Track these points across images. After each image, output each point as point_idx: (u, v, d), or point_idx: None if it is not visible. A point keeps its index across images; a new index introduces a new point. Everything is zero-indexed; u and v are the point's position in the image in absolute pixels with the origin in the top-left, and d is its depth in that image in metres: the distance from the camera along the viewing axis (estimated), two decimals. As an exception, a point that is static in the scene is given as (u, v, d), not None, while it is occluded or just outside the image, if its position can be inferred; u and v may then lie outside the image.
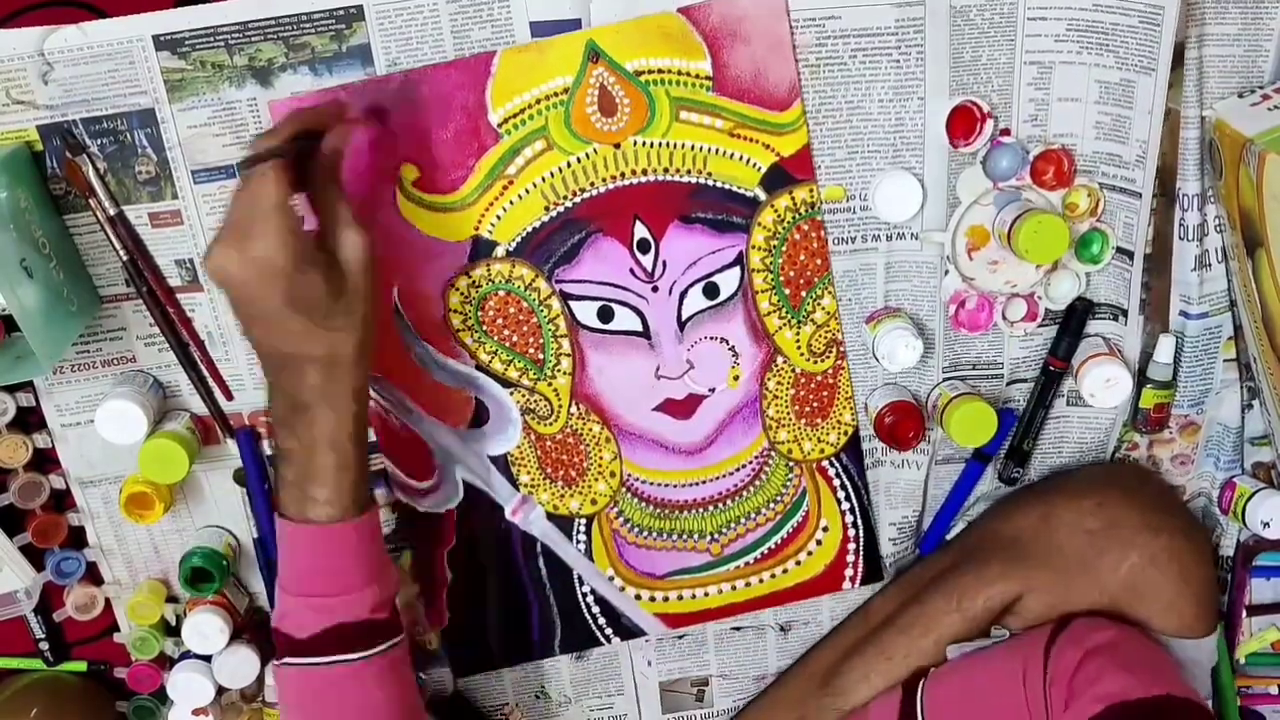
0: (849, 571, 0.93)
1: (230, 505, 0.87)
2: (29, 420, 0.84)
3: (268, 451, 0.85)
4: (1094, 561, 0.81)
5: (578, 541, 0.89)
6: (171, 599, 0.90)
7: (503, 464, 0.87)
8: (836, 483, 0.90)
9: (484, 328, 0.82)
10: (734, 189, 0.80)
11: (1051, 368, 0.86)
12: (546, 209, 0.80)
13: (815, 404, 0.87)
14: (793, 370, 0.86)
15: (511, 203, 0.79)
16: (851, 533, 0.91)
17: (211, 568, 0.85)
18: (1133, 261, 0.82)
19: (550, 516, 0.89)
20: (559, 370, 0.84)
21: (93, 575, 0.90)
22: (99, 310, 0.80)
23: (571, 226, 0.80)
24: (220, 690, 0.90)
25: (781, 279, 0.83)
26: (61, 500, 0.87)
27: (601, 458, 0.87)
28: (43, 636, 0.91)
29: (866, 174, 0.80)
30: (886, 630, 0.87)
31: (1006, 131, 0.80)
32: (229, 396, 0.84)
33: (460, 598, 0.91)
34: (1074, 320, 0.85)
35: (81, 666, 0.93)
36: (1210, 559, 0.86)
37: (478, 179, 0.79)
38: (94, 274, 0.79)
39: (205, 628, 0.86)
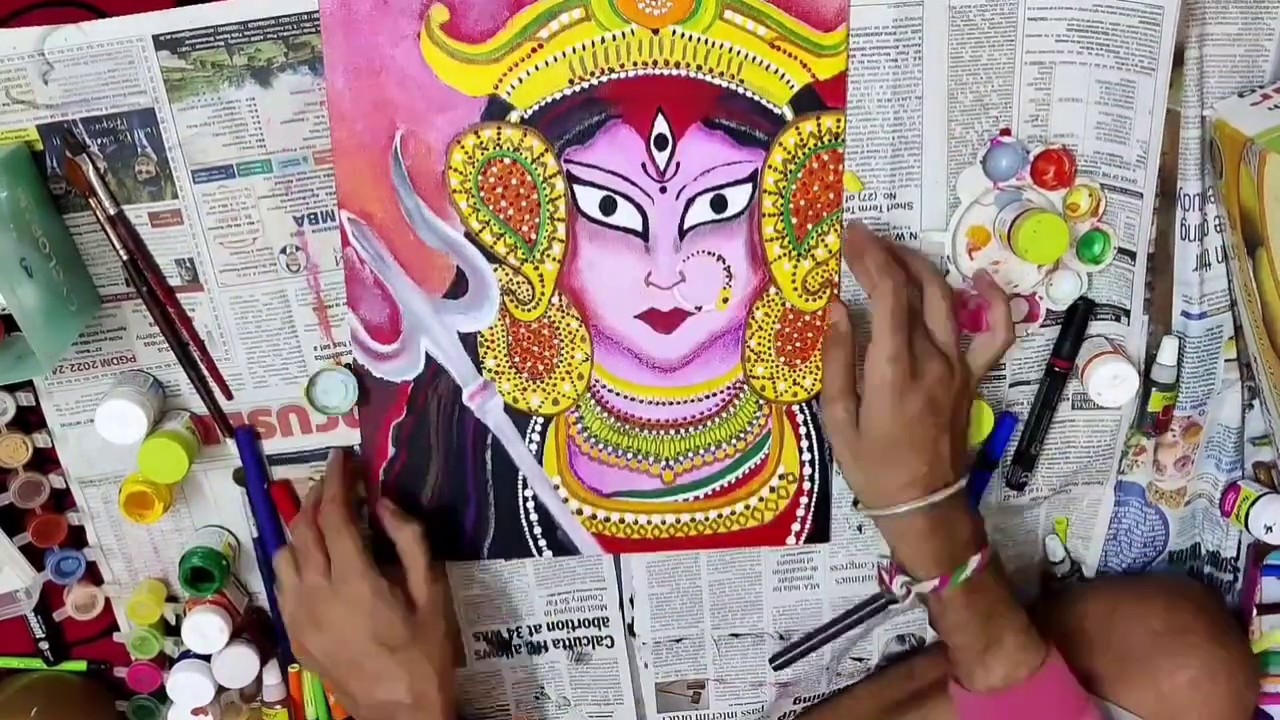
0: (796, 526, 0.90)
1: (230, 505, 0.88)
2: (29, 420, 0.84)
3: (268, 451, 0.86)
4: (1156, 661, 0.81)
5: (530, 441, 0.87)
6: (171, 599, 0.90)
7: (471, 343, 0.84)
8: (803, 430, 0.88)
9: (481, 194, 0.80)
10: (763, 101, 0.78)
11: (1056, 368, 0.86)
12: (571, 82, 0.77)
13: (798, 343, 0.85)
14: (783, 304, 0.84)
15: (536, 67, 0.77)
16: (807, 486, 0.89)
17: (211, 567, 0.85)
18: (1135, 262, 0.82)
19: (508, 409, 0.86)
20: (549, 255, 0.82)
21: (93, 575, 0.90)
22: (99, 310, 0.80)
23: (592, 106, 0.78)
24: (220, 690, 0.90)
25: (791, 206, 0.81)
26: (61, 500, 0.87)
27: (573, 356, 0.84)
28: (43, 636, 0.91)
29: (864, 174, 0.80)
30: (934, 696, 0.88)
31: (1007, 131, 0.79)
32: (229, 396, 0.84)
33: (396, 477, 0.87)
34: (1076, 320, 0.85)
35: (81, 666, 0.93)
36: (1257, 687, 0.87)
37: (508, 35, 0.76)
38: (94, 274, 0.80)
39: (205, 627, 0.86)
